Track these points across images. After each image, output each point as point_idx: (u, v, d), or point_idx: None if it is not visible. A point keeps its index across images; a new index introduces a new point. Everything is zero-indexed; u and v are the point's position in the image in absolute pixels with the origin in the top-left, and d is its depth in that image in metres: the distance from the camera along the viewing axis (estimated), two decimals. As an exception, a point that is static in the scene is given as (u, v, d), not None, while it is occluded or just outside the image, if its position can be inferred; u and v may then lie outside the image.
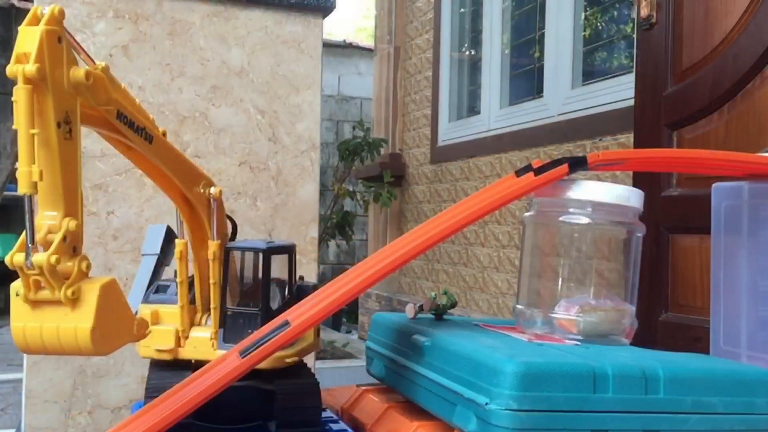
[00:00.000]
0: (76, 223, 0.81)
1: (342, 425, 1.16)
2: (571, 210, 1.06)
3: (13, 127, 0.79)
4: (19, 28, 0.79)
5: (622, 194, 1.05)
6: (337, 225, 4.22)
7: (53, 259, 0.78)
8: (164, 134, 1.02)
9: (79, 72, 0.81)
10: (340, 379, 1.19)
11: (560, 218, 1.08)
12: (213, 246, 1.10)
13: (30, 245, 0.79)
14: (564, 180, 1.05)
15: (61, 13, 0.81)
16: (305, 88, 1.84)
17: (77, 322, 0.81)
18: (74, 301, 0.81)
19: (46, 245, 0.80)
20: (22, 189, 0.78)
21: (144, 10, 1.71)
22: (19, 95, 0.77)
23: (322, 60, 1.87)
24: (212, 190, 1.10)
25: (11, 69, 0.77)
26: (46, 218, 0.81)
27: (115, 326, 0.86)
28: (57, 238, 0.79)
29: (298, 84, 1.83)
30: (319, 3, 1.83)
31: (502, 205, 1.04)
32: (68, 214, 0.81)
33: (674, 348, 1.10)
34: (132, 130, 0.93)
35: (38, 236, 0.80)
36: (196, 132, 1.76)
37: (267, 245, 1.10)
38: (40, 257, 0.78)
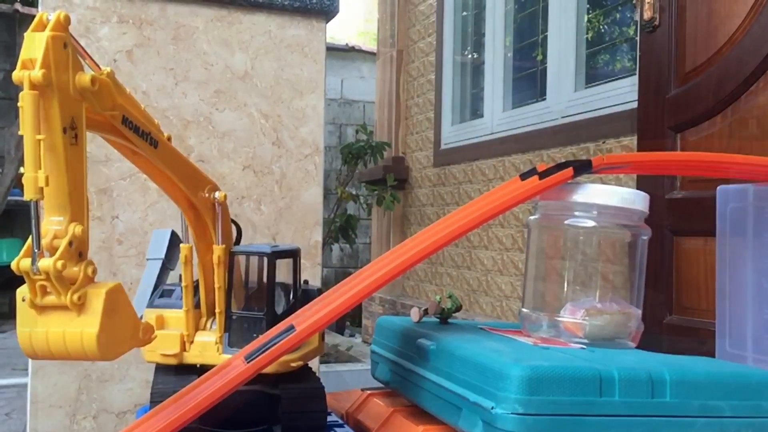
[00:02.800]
0: (82, 228, 0.81)
1: (347, 429, 1.16)
2: (576, 213, 1.06)
3: (19, 132, 0.79)
4: (25, 34, 0.80)
5: (628, 197, 1.05)
6: (340, 228, 4.23)
7: (59, 264, 0.78)
8: (169, 139, 1.02)
9: (84, 78, 0.82)
10: (344, 383, 1.19)
11: (566, 221, 1.07)
12: (218, 250, 1.10)
13: (36, 251, 0.79)
14: (569, 183, 1.05)
15: (67, 19, 0.81)
16: (309, 91, 1.84)
17: (83, 327, 0.81)
18: (80, 306, 0.81)
19: (52, 250, 0.79)
20: (29, 195, 0.78)
21: (148, 15, 1.71)
22: (25, 101, 0.77)
23: (325, 64, 1.87)
24: (217, 194, 1.10)
25: (17, 75, 0.77)
26: (52, 223, 0.81)
27: (121, 331, 0.86)
28: (63, 243, 0.79)
29: (302, 88, 1.83)
30: (322, 7, 1.83)
31: (507, 208, 1.04)
32: (74, 219, 0.81)
33: (679, 351, 1.10)
34: (137, 135, 0.93)
35: (44, 241, 0.80)
36: (200, 136, 1.76)
37: (272, 249, 1.11)
38: (46, 262, 0.78)
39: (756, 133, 1.63)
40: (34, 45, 0.78)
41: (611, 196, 1.04)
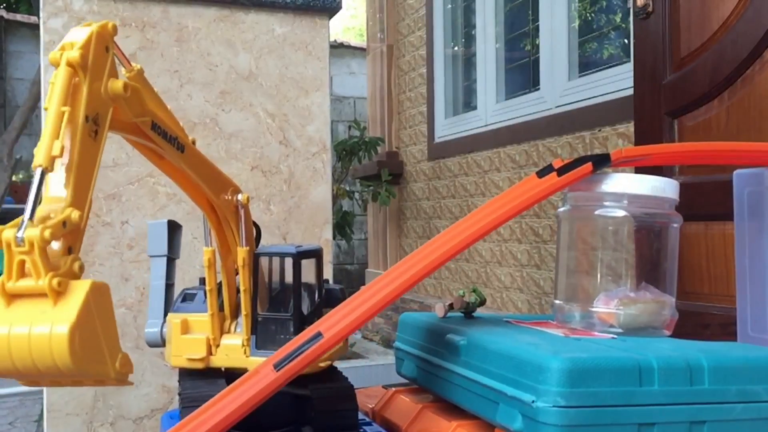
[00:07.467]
0: (79, 214, 0.72)
1: (376, 427, 1.15)
2: (606, 203, 1.05)
3: (44, 106, 0.76)
4: (72, 29, 0.80)
5: (658, 185, 1.05)
6: (336, 225, 4.22)
7: (47, 233, 0.68)
8: (194, 142, 1.01)
9: (117, 83, 0.81)
10: (353, 381, 1.19)
11: (596, 212, 1.07)
12: (242, 252, 1.09)
13: (26, 221, 0.69)
14: (597, 173, 1.04)
15: (114, 29, 0.82)
16: (314, 89, 1.83)
17: (55, 322, 0.67)
18: (58, 293, 0.69)
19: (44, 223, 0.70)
20: (38, 160, 0.70)
21: (150, 18, 1.70)
22: (59, 76, 0.74)
23: (329, 61, 1.86)
24: (239, 196, 1.09)
25: (53, 55, 0.76)
26: (51, 201, 0.73)
27: (98, 340, 0.71)
28: (57, 218, 0.70)
29: (307, 86, 1.82)
30: (324, 4, 1.82)
31: (528, 207, 1.03)
32: (74, 205, 0.73)
33: (683, 336, 1.10)
34: (165, 141, 0.93)
35: (37, 215, 0.70)
36: (206, 138, 1.75)
37: (297, 250, 1.10)
38: (32, 231, 0.68)
39: (753, 115, 1.63)
40: (77, 33, 0.78)
41: (642, 184, 1.04)
